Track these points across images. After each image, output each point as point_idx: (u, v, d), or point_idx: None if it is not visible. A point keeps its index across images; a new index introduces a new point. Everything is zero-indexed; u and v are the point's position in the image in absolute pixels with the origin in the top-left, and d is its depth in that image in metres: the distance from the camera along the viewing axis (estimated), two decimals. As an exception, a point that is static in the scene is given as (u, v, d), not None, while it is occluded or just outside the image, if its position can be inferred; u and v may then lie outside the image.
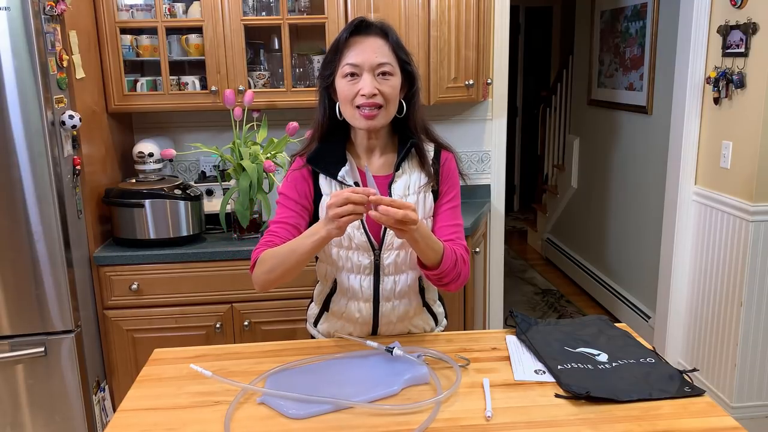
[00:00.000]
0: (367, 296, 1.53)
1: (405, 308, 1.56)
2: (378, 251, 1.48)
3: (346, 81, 1.41)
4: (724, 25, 2.64)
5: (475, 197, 3.03)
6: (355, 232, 1.46)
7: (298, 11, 2.65)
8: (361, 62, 1.40)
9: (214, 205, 2.63)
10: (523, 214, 6.80)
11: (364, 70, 1.40)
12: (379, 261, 1.49)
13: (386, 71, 1.41)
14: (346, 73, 1.41)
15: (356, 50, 1.40)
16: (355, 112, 1.42)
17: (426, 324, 1.64)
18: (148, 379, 1.40)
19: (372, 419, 1.21)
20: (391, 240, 1.48)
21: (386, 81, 1.41)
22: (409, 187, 1.49)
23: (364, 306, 1.54)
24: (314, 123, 1.52)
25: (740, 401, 2.73)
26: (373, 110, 1.41)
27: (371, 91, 1.39)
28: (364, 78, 1.40)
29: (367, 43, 1.41)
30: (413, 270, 1.53)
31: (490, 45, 2.86)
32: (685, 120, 2.88)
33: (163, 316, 2.42)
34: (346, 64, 1.40)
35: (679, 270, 3.02)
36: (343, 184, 1.47)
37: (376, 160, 1.52)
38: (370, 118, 1.41)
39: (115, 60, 2.52)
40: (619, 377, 1.33)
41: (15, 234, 2.14)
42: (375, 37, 1.42)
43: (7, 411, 2.25)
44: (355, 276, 1.51)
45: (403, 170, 1.50)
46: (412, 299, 1.57)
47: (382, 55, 1.41)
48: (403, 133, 1.51)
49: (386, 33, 1.43)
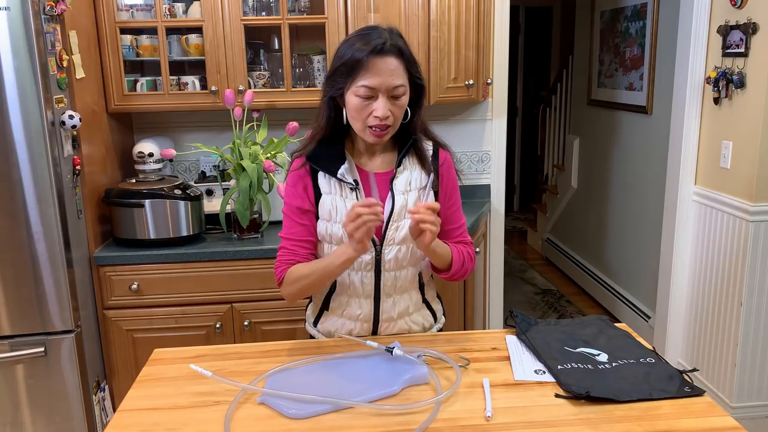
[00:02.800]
0: (368, 292, 1.53)
1: (405, 304, 1.58)
2: (379, 247, 1.49)
3: (360, 100, 1.40)
4: (724, 25, 2.64)
5: (475, 197, 3.03)
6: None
7: (298, 11, 2.64)
8: (377, 85, 1.39)
9: (214, 205, 2.62)
10: (523, 214, 6.80)
11: (380, 93, 1.40)
12: (380, 257, 1.50)
13: (399, 93, 1.42)
14: (361, 94, 1.40)
15: (373, 72, 1.38)
16: (365, 128, 1.43)
17: (425, 320, 1.65)
18: (148, 379, 1.40)
19: (372, 419, 1.21)
20: (393, 235, 1.49)
21: (397, 101, 1.42)
22: (410, 183, 1.51)
23: (365, 302, 1.54)
24: (316, 124, 1.52)
25: (740, 401, 2.73)
26: (383, 131, 1.43)
27: (385, 114, 1.40)
28: (379, 101, 1.40)
29: (385, 65, 1.39)
30: (413, 266, 1.55)
31: (490, 45, 2.85)
32: (685, 120, 2.88)
33: (163, 316, 2.42)
34: (362, 85, 1.39)
35: (679, 270, 3.02)
36: (342, 182, 1.47)
37: (376, 158, 1.54)
38: (379, 136, 1.44)
39: (115, 60, 2.52)
40: (619, 377, 1.33)
41: (15, 234, 2.14)
42: (392, 58, 1.40)
43: (7, 411, 2.25)
44: (356, 273, 1.52)
45: (404, 167, 1.52)
46: (412, 295, 1.59)
47: (398, 77, 1.41)
48: (403, 131, 1.52)
49: (402, 52, 1.42)
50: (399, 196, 1.49)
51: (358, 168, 1.52)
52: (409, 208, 1.42)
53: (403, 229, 1.49)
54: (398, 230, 1.49)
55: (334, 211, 1.48)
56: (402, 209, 1.49)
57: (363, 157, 1.54)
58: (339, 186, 1.48)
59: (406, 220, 1.49)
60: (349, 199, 1.48)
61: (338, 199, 1.48)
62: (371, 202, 1.31)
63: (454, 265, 1.52)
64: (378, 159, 1.54)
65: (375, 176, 1.50)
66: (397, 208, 1.48)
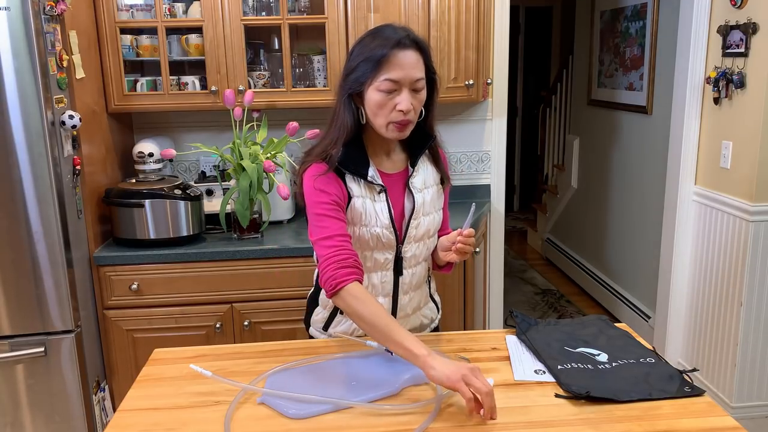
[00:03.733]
0: (387, 291, 1.56)
1: (418, 299, 1.62)
2: (401, 246, 1.52)
3: (383, 95, 1.40)
4: (724, 25, 2.64)
5: (475, 197, 3.03)
6: (383, 231, 1.48)
7: (298, 11, 2.64)
8: (401, 78, 1.39)
9: (214, 205, 2.62)
10: (523, 214, 6.80)
11: (403, 86, 1.40)
12: (401, 255, 1.53)
13: (419, 87, 1.43)
14: (384, 88, 1.39)
15: (396, 66, 1.38)
16: (387, 124, 1.43)
17: (432, 313, 1.71)
18: (148, 379, 1.40)
19: (372, 419, 1.21)
20: (413, 233, 1.53)
21: (418, 95, 1.43)
22: (426, 181, 1.55)
23: (384, 301, 1.56)
24: (337, 127, 1.46)
25: (740, 401, 2.73)
26: (406, 125, 1.43)
27: (409, 107, 1.40)
28: (403, 95, 1.40)
29: (407, 58, 1.39)
30: (425, 261, 1.61)
31: (490, 45, 2.85)
32: (685, 120, 2.88)
33: (163, 316, 2.42)
34: (385, 79, 1.38)
35: (679, 270, 3.02)
36: (372, 184, 1.47)
37: (388, 158, 1.55)
38: (401, 131, 1.44)
39: (115, 60, 2.52)
40: (619, 377, 1.33)
41: (15, 234, 2.14)
42: (412, 51, 1.40)
43: (7, 411, 2.25)
44: (376, 273, 1.54)
45: (418, 165, 1.55)
46: (423, 290, 1.64)
47: (419, 70, 1.41)
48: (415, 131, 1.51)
49: (420, 47, 1.43)
50: (417, 194, 1.52)
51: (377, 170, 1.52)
52: (453, 242, 1.48)
53: (422, 226, 1.53)
54: (418, 228, 1.53)
55: (365, 215, 1.47)
56: (421, 207, 1.53)
57: (379, 159, 1.53)
58: (368, 189, 1.48)
59: (424, 217, 1.53)
60: (377, 201, 1.48)
61: (368, 202, 1.48)
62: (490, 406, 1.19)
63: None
64: (392, 159, 1.55)
65: (390, 177, 1.52)
66: (417, 206, 1.52)
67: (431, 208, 1.56)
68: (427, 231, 1.55)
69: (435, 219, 1.57)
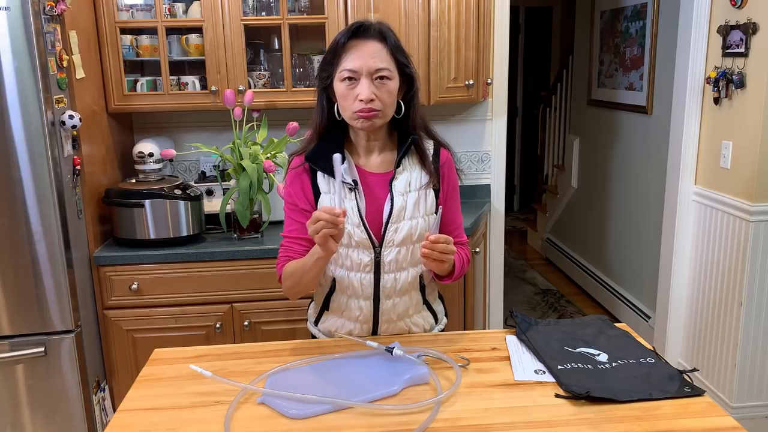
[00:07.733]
0: (368, 294, 1.53)
1: (405, 306, 1.57)
2: (378, 248, 1.49)
3: (345, 85, 1.42)
4: (724, 25, 2.64)
5: (475, 197, 3.03)
6: (354, 230, 1.47)
7: (298, 11, 2.65)
8: (358, 68, 1.40)
9: (214, 205, 2.62)
10: (523, 214, 6.80)
11: (362, 76, 1.40)
12: (380, 258, 1.49)
13: (384, 76, 1.42)
14: (344, 78, 1.41)
15: (354, 55, 1.41)
16: (353, 114, 1.43)
17: (426, 322, 1.64)
18: (148, 379, 1.40)
19: (372, 419, 1.21)
20: (392, 237, 1.48)
21: (384, 86, 1.42)
22: (410, 184, 1.50)
23: (365, 303, 1.54)
24: (313, 122, 1.53)
25: (740, 401, 2.73)
26: (370, 113, 1.42)
27: (368, 96, 1.40)
28: (362, 83, 1.40)
29: (365, 48, 1.41)
30: (414, 267, 1.54)
31: (490, 45, 2.86)
32: (685, 120, 2.88)
33: (163, 316, 2.42)
34: (344, 69, 1.41)
35: (679, 270, 3.02)
36: (343, 182, 1.46)
37: (375, 158, 1.53)
38: (368, 121, 1.43)
39: (115, 60, 2.52)
40: (619, 377, 1.33)
41: (15, 234, 2.14)
42: (373, 41, 1.42)
43: (7, 411, 2.25)
44: (355, 273, 1.51)
45: (404, 167, 1.51)
46: (413, 296, 1.58)
47: (380, 60, 1.41)
48: (403, 131, 1.52)
49: (384, 37, 1.44)
50: (398, 197, 1.48)
51: (357, 168, 1.52)
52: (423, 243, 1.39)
53: (402, 230, 1.48)
54: (397, 232, 1.48)
55: None
56: (401, 211, 1.48)
57: (362, 158, 1.53)
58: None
59: (405, 221, 1.48)
60: (348, 199, 1.47)
61: (337, 199, 1.48)
62: (335, 211, 1.30)
63: (455, 271, 1.54)
64: (378, 159, 1.53)
65: (374, 177, 1.50)
66: (396, 209, 1.48)
67: (415, 213, 1.49)
68: (409, 236, 1.48)
69: (420, 224, 1.49)
